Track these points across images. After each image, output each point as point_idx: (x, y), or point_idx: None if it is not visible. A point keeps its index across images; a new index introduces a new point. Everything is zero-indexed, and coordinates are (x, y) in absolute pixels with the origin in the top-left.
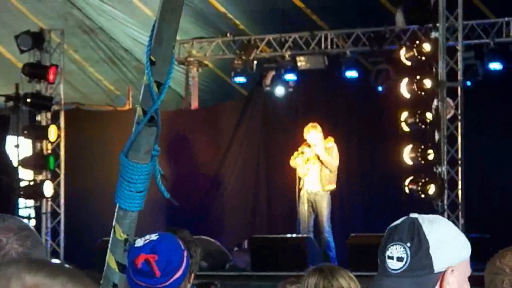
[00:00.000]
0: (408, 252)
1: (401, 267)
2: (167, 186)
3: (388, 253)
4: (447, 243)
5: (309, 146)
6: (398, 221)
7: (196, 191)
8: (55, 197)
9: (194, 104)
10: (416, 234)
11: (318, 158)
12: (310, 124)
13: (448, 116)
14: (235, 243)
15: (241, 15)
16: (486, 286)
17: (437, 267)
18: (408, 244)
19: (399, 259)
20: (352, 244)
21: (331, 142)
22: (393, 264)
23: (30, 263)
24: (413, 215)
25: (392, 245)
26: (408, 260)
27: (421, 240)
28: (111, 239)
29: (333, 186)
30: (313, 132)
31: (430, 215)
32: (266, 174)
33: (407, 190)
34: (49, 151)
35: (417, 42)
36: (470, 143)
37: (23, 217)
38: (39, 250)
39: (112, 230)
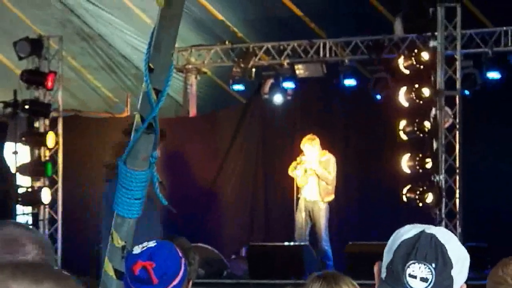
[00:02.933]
0: (434, 273)
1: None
2: (165, 194)
3: (409, 271)
4: (464, 263)
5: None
6: (411, 235)
7: (193, 198)
8: (53, 203)
9: (192, 112)
10: (440, 254)
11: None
12: (308, 137)
13: (446, 125)
14: (232, 251)
15: (240, 23)
16: None
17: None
18: (433, 265)
19: (424, 279)
20: (350, 253)
21: (326, 155)
22: (415, 284)
23: (14, 270)
24: (428, 230)
25: (415, 263)
26: (433, 282)
27: (445, 261)
28: (108, 246)
29: (331, 197)
30: (308, 147)
31: (441, 229)
32: (264, 181)
33: (404, 199)
34: (47, 158)
35: (416, 50)
36: (468, 152)
37: None
38: (51, 257)
39: (110, 237)
